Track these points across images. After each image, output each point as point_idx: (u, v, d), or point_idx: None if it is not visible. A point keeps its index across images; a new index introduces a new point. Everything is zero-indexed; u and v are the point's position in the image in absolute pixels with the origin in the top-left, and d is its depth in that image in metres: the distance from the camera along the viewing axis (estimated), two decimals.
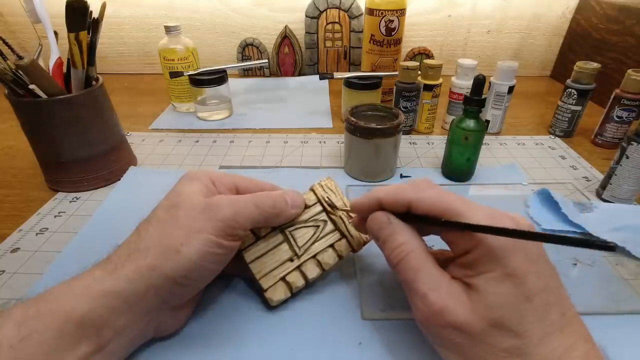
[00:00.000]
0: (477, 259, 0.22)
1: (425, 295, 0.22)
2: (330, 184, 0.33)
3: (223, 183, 0.29)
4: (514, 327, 0.20)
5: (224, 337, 0.29)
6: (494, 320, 0.20)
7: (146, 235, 0.25)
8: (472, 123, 0.44)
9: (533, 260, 0.21)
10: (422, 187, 0.25)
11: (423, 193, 0.24)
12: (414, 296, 0.23)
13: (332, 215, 0.32)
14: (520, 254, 0.21)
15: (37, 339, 0.20)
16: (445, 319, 0.21)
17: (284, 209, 0.29)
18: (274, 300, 0.30)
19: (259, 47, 0.88)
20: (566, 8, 0.86)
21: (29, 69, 0.38)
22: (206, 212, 0.26)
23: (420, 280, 0.23)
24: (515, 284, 0.20)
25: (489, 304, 0.21)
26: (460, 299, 0.22)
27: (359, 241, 0.32)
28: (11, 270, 0.34)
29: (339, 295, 0.32)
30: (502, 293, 0.21)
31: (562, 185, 0.47)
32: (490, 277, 0.21)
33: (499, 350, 0.20)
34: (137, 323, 0.24)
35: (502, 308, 0.20)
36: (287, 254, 0.31)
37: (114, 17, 0.86)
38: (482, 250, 0.21)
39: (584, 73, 0.55)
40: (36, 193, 0.46)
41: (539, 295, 0.20)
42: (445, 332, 0.22)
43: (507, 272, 0.21)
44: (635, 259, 0.35)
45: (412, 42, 0.89)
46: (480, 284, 0.21)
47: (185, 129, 0.63)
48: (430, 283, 0.22)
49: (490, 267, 0.21)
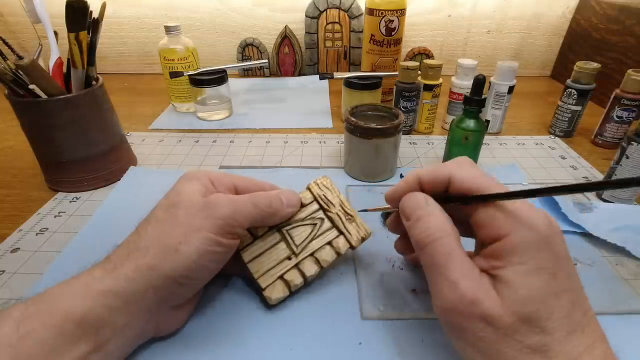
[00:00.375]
0: (509, 248, 0.21)
1: (457, 283, 0.21)
2: (326, 182, 0.34)
3: (222, 183, 0.29)
4: (542, 323, 0.20)
5: (223, 337, 0.29)
6: (525, 315, 0.20)
7: (145, 235, 0.25)
8: (472, 123, 0.44)
9: (562, 258, 0.21)
10: (463, 165, 0.25)
11: (464, 170, 0.24)
12: (442, 282, 0.22)
13: (329, 212, 0.32)
14: (552, 249, 0.21)
15: (36, 338, 0.20)
16: (475, 310, 0.20)
17: (279, 208, 0.30)
18: (272, 298, 0.30)
19: (259, 47, 0.88)
20: (566, 8, 0.86)
21: (29, 69, 0.38)
22: (205, 211, 0.26)
23: (451, 266, 0.22)
24: (546, 279, 0.20)
25: (520, 298, 0.20)
26: (490, 291, 0.21)
27: (357, 238, 0.32)
28: (11, 270, 0.34)
29: (338, 295, 0.32)
30: (533, 287, 0.20)
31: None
32: (522, 269, 0.20)
33: (523, 346, 0.20)
34: (137, 322, 0.24)
35: (533, 303, 0.20)
36: (285, 253, 0.31)
37: (114, 17, 0.87)
38: (516, 238, 0.21)
39: (584, 73, 0.55)
40: (36, 193, 0.46)
41: (566, 293, 0.20)
42: (470, 323, 0.21)
43: (539, 265, 0.20)
44: (635, 259, 0.35)
45: (412, 42, 0.89)
46: (510, 276, 0.21)
47: (185, 129, 0.63)
48: (462, 271, 0.21)
49: (521, 259, 0.21)
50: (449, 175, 0.24)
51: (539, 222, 0.21)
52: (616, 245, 0.36)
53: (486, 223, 0.22)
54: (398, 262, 0.35)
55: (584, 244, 0.37)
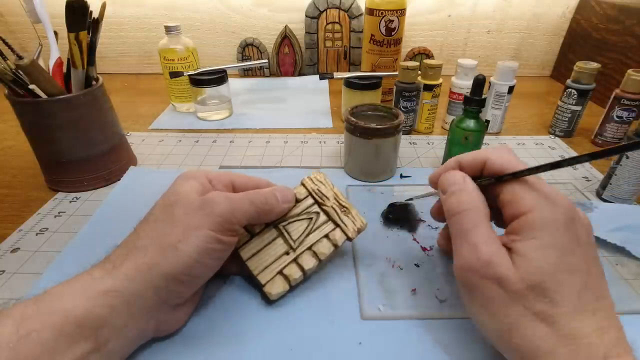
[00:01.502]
0: (529, 223, 0.22)
1: (477, 246, 0.23)
2: (319, 177, 0.34)
3: (220, 181, 0.30)
4: (550, 294, 0.21)
5: (223, 337, 0.29)
6: (534, 282, 0.21)
7: (144, 235, 0.25)
8: (472, 123, 0.44)
9: (582, 242, 0.22)
10: (502, 149, 0.27)
11: (501, 152, 0.26)
12: (464, 245, 0.24)
13: (324, 206, 0.33)
14: (570, 231, 0.22)
15: (35, 338, 0.20)
16: (490, 271, 0.22)
17: (275, 205, 0.30)
18: (272, 294, 0.30)
19: (259, 47, 0.88)
20: (566, 8, 0.86)
21: (29, 69, 0.38)
22: (204, 209, 0.26)
23: (476, 232, 0.24)
24: (559, 255, 0.21)
25: (531, 267, 0.21)
26: (505, 258, 0.22)
27: (353, 229, 0.32)
28: (11, 270, 0.34)
29: (338, 295, 0.32)
30: (545, 260, 0.21)
31: (562, 185, 0.47)
32: (537, 244, 0.22)
33: (530, 312, 0.21)
34: (137, 322, 0.24)
35: (543, 274, 0.21)
36: (283, 248, 0.31)
37: (114, 17, 0.87)
38: (537, 214, 0.22)
39: (584, 73, 0.55)
40: (36, 193, 0.46)
41: (579, 273, 0.21)
42: (484, 283, 0.22)
43: (554, 242, 0.22)
44: (635, 259, 0.35)
45: (412, 42, 0.89)
46: (527, 249, 0.22)
47: (185, 129, 0.63)
48: (485, 238, 0.23)
49: (538, 235, 0.22)
50: (486, 157, 0.26)
51: (561, 204, 0.23)
52: (616, 245, 0.36)
53: (513, 200, 0.24)
54: (398, 262, 0.35)
55: None
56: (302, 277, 0.31)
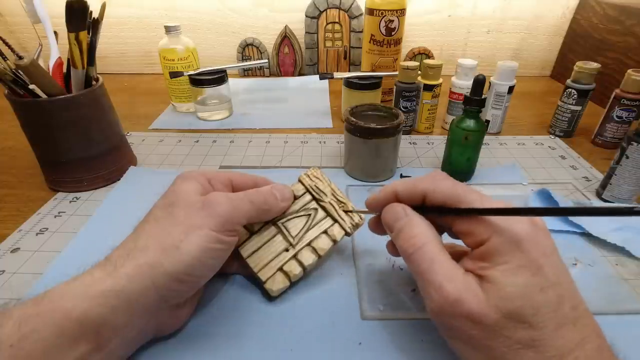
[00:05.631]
0: (492, 250, 0.22)
1: (441, 286, 0.22)
2: (316, 173, 0.34)
3: (219, 180, 0.30)
4: (529, 319, 0.20)
5: (224, 337, 0.29)
6: (510, 311, 0.20)
7: (144, 235, 0.25)
8: (472, 123, 0.44)
9: (547, 254, 0.21)
10: (437, 178, 0.26)
11: (439, 183, 0.25)
12: (428, 286, 0.23)
13: (322, 202, 0.33)
14: (535, 246, 0.21)
15: (36, 338, 0.20)
16: (460, 310, 0.21)
17: (274, 204, 0.30)
18: (273, 290, 0.30)
19: (259, 47, 0.88)
20: (566, 8, 0.86)
21: (29, 69, 0.38)
22: (205, 209, 0.26)
23: (435, 270, 0.23)
24: (530, 275, 0.21)
25: (504, 295, 0.21)
26: (475, 291, 0.22)
27: (351, 224, 0.32)
28: (11, 270, 0.34)
29: (338, 296, 0.32)
30: (518, 284, 0.21)
31: (562, 185, 0.47)
32: (506, 268, 0.21)
33: (513, 341, 0.20)
34: (137, 322, 0.24)
35: (518, 299, 0.20)
36: (282, 245, 0.32)
37: (114, 17, 0.87)
38: (497, 241, 0.22)
39: (584, 73, 0.55)
40: (36, 193, 0.46)
41: (552, 287, 0.21)
42: (459, 323, 0.22)
43: (522, 263, 0.21)
44: (635, 259, 0.35)
45: (412, 42, 0.89)
46: (496, 275, 0.21)
47: (185, 129, 0.63)
48: (446, 274, 0.22)
49: (505, 259, 0.21)
50: (423, 192, 0.25)
51: (517, 222, 0.22)
52: (616, 245, 0.36)
53: (467, 231, 0.23)
54: (398, 262, 0.35)
55: (584, 244, 0.37)
56: (302, 272, 0.31)
